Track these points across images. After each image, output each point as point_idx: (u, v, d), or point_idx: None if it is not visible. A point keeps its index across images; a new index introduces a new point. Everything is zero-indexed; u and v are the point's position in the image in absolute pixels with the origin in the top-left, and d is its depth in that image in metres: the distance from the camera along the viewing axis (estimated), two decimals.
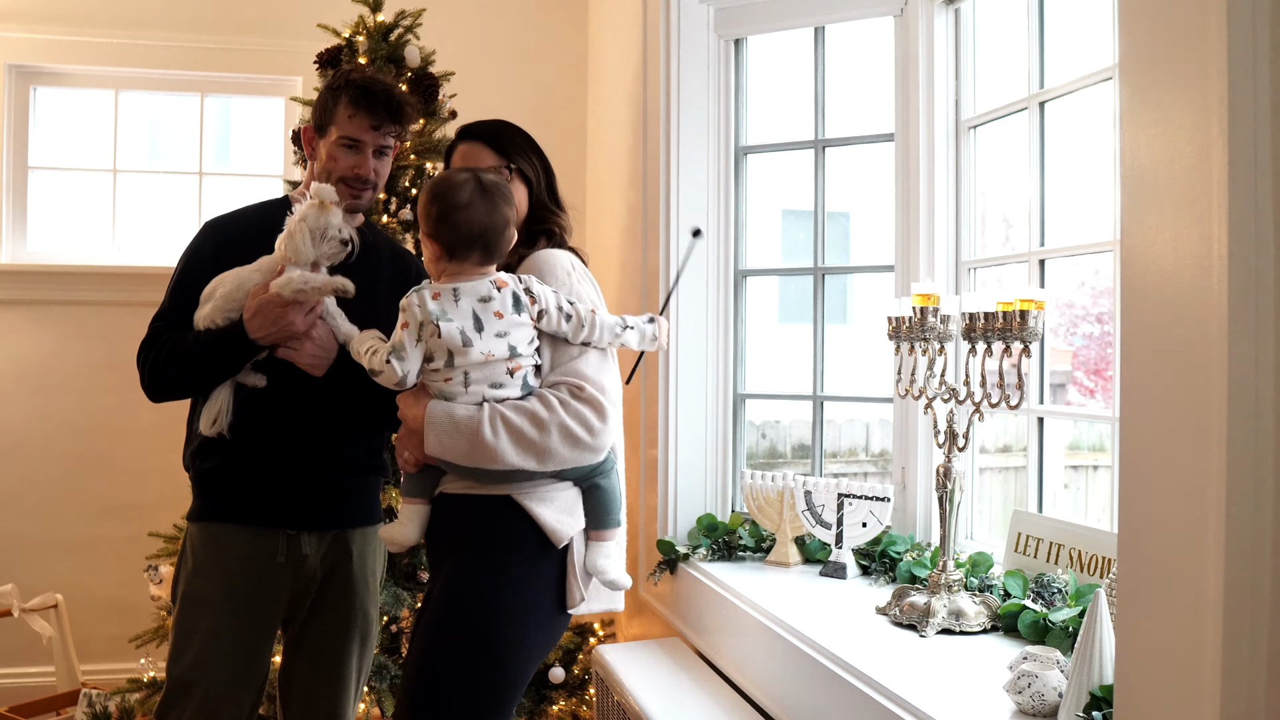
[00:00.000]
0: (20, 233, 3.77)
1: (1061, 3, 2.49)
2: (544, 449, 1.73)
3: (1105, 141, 2.19)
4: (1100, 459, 4.48)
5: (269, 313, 1.95)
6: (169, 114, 4.13)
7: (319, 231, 1.95)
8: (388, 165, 2.17)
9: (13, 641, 3.59)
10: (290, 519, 2.07)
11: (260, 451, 2.06)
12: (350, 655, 2.16)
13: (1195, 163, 1.17)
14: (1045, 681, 1.67)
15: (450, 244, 1.78)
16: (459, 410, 1.75)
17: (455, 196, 1.78)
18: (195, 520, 2.11)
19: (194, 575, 2.07)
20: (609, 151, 3.73)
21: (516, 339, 1.77)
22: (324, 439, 2.09)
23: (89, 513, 3.72)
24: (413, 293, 1.78)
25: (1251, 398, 1.12)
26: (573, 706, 3.13)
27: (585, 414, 1.75)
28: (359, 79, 2.09)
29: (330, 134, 2.10)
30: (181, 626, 2.05)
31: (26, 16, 3.69)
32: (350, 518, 2.15)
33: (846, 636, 2.12)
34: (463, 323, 1.74)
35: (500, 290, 1.77)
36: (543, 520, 1.77)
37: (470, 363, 1.74)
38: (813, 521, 2.71)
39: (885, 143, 2.84)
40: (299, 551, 2.08)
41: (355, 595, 2.15)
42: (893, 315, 2.33)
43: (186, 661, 2.02)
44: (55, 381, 3.72)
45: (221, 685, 2.02)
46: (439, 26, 3.37)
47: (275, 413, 2.05)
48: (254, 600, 2.05)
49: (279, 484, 2.06)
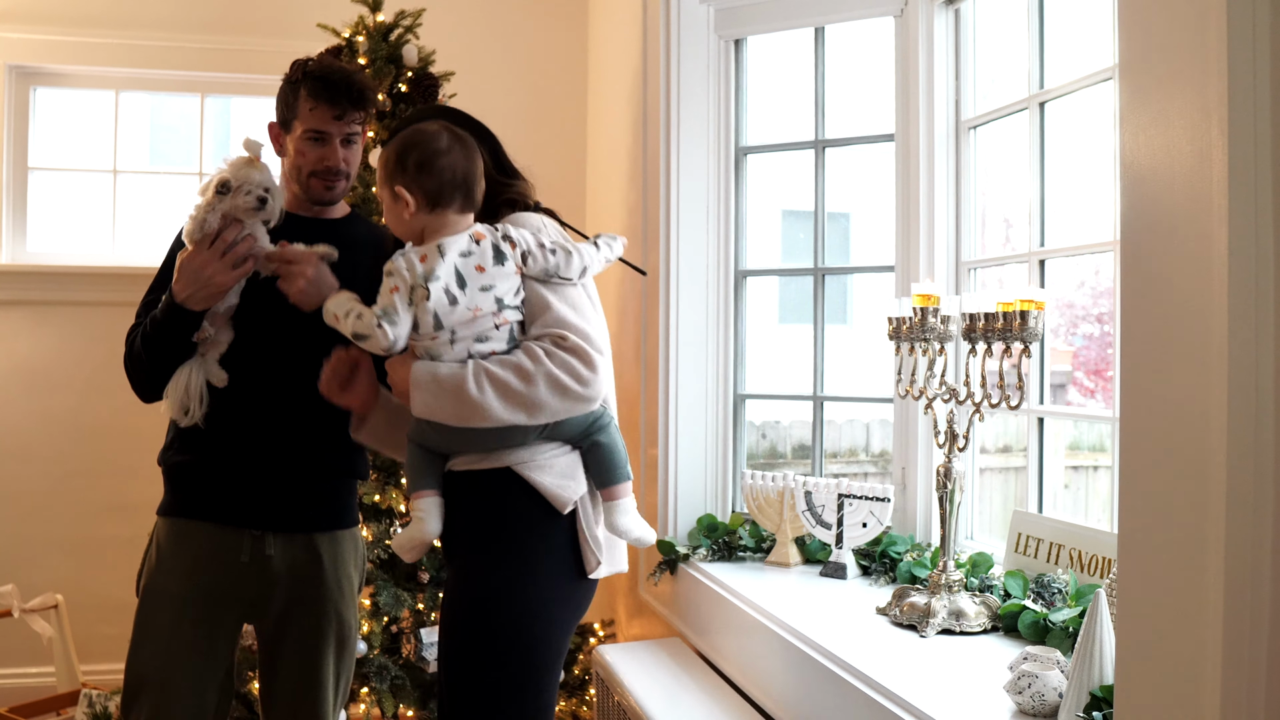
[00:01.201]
0: (20, 233, 3.77)
1: (1061, 3, 2.49)
2: (532, 400, 1.70)
3: (1105, 141, 2.19)
4: (1100, 459, 4.48)
5: (187, 269, 1.91)
6: (169, 114, 4.13)
7: (240, 184, 1.91)
8: (358, 152, 2.13)
9: (13, 641, 3.58)
10: (255, 519, 2.04)
11: (231, 448, 2.03)
12: (327, 661, 2.11)
13: (1195, 163, 1.17)
14: (1045, 682, 1.67)
15: (434, 192, 1.75)
16: (442, 369, 1.72)
17: (434, 144, 1.77)
18: (162, 515, 2.10)
19: (156, 570, 2.05)
20: (609, 151, 3.73)
21: (501, 291, 1.75)
22: (297, 439, 2.06)
23: (89, 513, 3.72)
24: (399, 256, 1.75)
25: (1251, 397, 1.12)
26: (573, 706, 3.14)
27: (572, 363, 1.72)
28: (316, 70, 2.05)
29: (295, 129, 2.07)
30: (140, 621, 2.03)
31: (26, 16, 3.68)
32: (319, 522, 2.11)
33: (847, 637, 2.12)
34: (447, 281, 1.73)
35: (479, 244, 1.75)
36: (544, 487, 1.75)
37: (457, 320, 1.73)
38: (813, 522, 2.71)
39: (885, 143, 2.84)
40: (263, 552, 2.04)
41: (329, 600, 2.10)
42: (893, 315, 2.33)
43: (143, 656, 2.00)
44: (55, 381, 3.72)
45: (178, 682, 1.99)
46: (439, 26, 3.37)
47: (249, 409, 2.03)
48: (215, 599, 2.03)
49: (246, 482, 2.03)
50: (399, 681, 2.85)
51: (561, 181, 2.11)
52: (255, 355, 2.03)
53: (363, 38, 3.09)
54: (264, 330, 2.04)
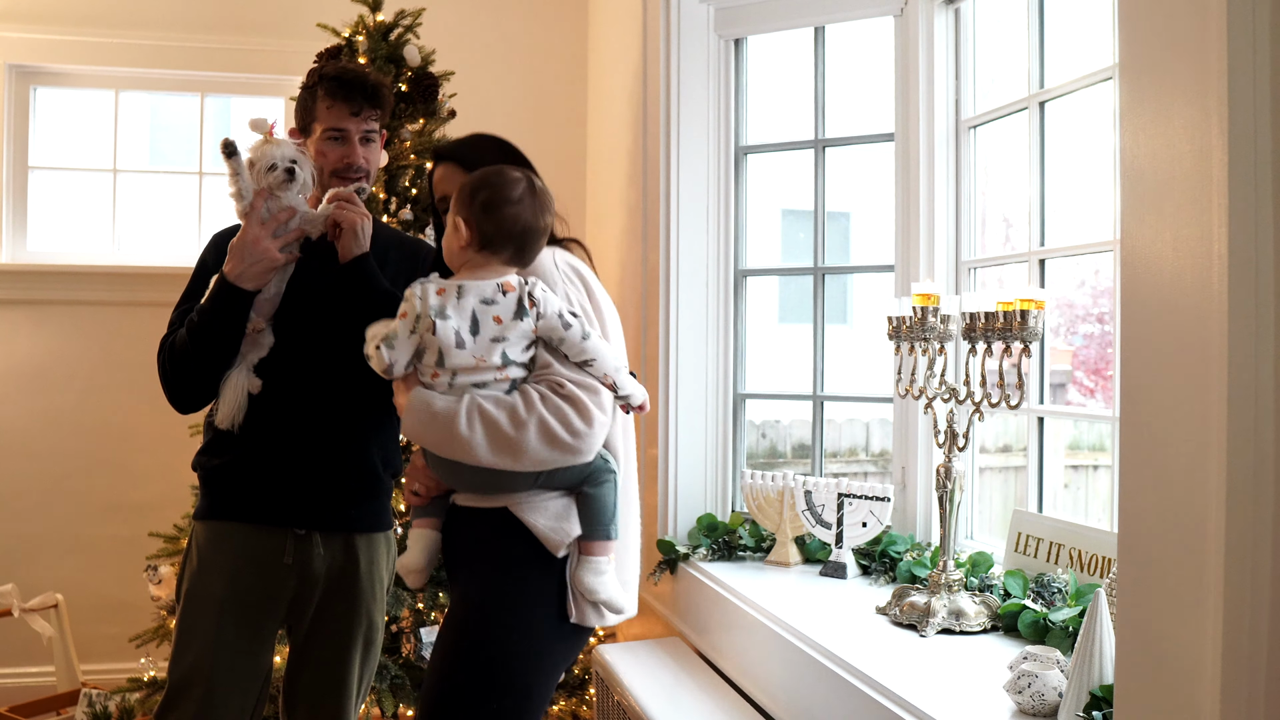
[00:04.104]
0: (20, 233, 3.77)
1: (1061, 3, 2.49)
2: (519, 446, 1.68)
3: (1105, 141, 2.19)
4: (1100, 459, 4.48)
5: (235, 248, 1.96)
6: (169, 114, 4.13)
7: (262, 163, 1.96)
8: (377, 152, 2.16)
9: (13, 641, 3.58)
10: (300, 518, 2.06)
11: (270, 449, 2.05)
12: (354, 661, 2.14)
13: (1195, 163, 1.17)
14: (1045, 681, 1.67)
15: (489, 235, 1.74)
16: (438, 401, 1.72)
17: (508, 190, 1.75)
18: (201, 519, 2.10)
19: (198, 574, 2.06)
20: (609, 151, 3.73)
21: (512, 347, 1.73)
22: (338, 438, 2.08)
23: (89, 513, 3.72)
24: (417, 284, 1.74)
25: (1251, 397, 1.12)
26: (573, 706, 3.13)
27: (565, 411, 1.70)
28: (331, 71, 2.10)
29: (315, 131, 2.11)
30: (184, 626, 2.04)
31: (26, 16, 3.68)
32: (360, 522, 2.13)
33: (846, 636, 2.12)
34: (460, 323, 1.71)
35: (506, 295, 1.73)
36: (537, 529, 1.75)
37: (459, 365, 1.72)
38: (813, 521, 2.71)
39: (885, 143, 2.84)
40: (307, 552, 2.06)
41: (362, 601, 2.13)
42: (893, 315, 2.33)
43: (188, 661, 2.01)
44: (55, 381, 3.72)
45: (222, 686, 2.01)
46: (439, 26, 3.37)
47: (287, 410, 2.05)
48: (257, 601, 2.04)
49: (288, 482, 2.05)
50: (399, 681, 2.85)
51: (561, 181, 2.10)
52: (289, 357, 2.05)
53: (363, 37, 3.09)
54: (297, 332, 2.06)
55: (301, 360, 2.06)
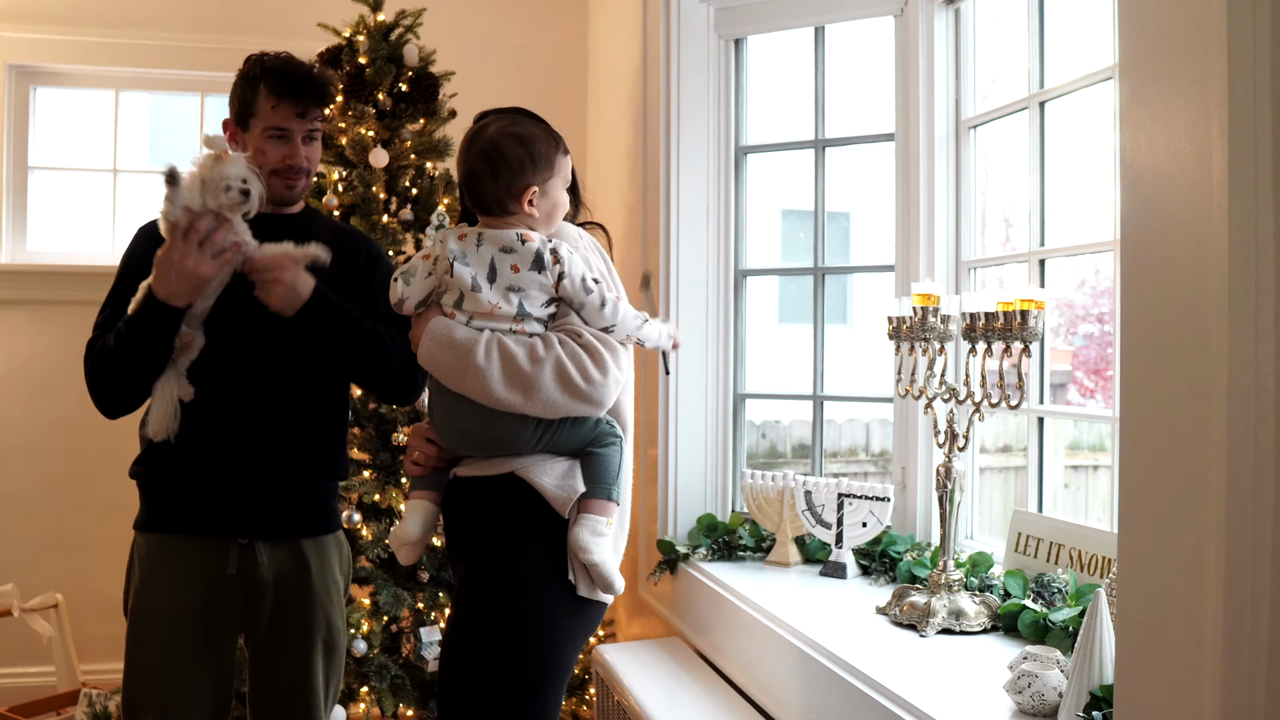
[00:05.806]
0: (20, 233, 3.77)
1: (1061, 3, 2.49)
2: (533, 382, 1.68)
3: (1105, 141, 2.19)
4: (1100, 459, 4.48)
5: (165, 266, 1.86)
6: (169, 114, 4.13)
7: (214, 183, 1.88)
8: (318, 149, 2.10)
9: (13, 641, 3.58)
10: (241, 528, 2.00)
11: (206, 458, 1.98)
12: (316, 667, 2.08)
13: (1195, 163, 1.17)
14: (1045, 681, 1.67)
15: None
16: (459, 330, 1.72)
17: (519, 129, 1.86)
18: (140, 530, 2.04)
19: (142, 589, 1.99)
20: (609, 151, 3.73)
21: (530, 299, 1.73)
22: (275, 443, 2.02)
23: (89, 512, 3.72)
24: (442, 230, 1.77)
25: (1251, 397, 1.12)
26: (573, 706, 3.14)
27: (582, 357, 1.71)
28: (275, 65, 2.01)
29: (254, 126, 2.02)
30: (133, 643, 1.98)
31: (26, 16, 3.68)
32: (305, 527, 2.07)
33: (846, 636, 2.12)
34: (477, 269, 1.73)
35: (524, 244, 1.73)
36: (543, 486, 1.74)
37: (474, 309, 1.73)
38: (813, 521, 2.71)
39: (885, 143, 2.84)
40: (252, 561, 2.00)
41: (317, 606, 2.07)
42: (893, 315, 2.33)
43: (139, 680, 1.96)
44: (55, 381, 3.71)
45: (177, 705, 1.95)
46: (439, 26, 3.37)
47: (222, 417, 1.98)
48: (206, 613, 1.98)
49: (229, 492, 1.98)
50: (399, 681, 2.85)
51: None
52: (225, 361, 1.99)
53: (363, 37, 3.09)
54: (232, 335, 1.99)
55: (235, 364, 1.99)
